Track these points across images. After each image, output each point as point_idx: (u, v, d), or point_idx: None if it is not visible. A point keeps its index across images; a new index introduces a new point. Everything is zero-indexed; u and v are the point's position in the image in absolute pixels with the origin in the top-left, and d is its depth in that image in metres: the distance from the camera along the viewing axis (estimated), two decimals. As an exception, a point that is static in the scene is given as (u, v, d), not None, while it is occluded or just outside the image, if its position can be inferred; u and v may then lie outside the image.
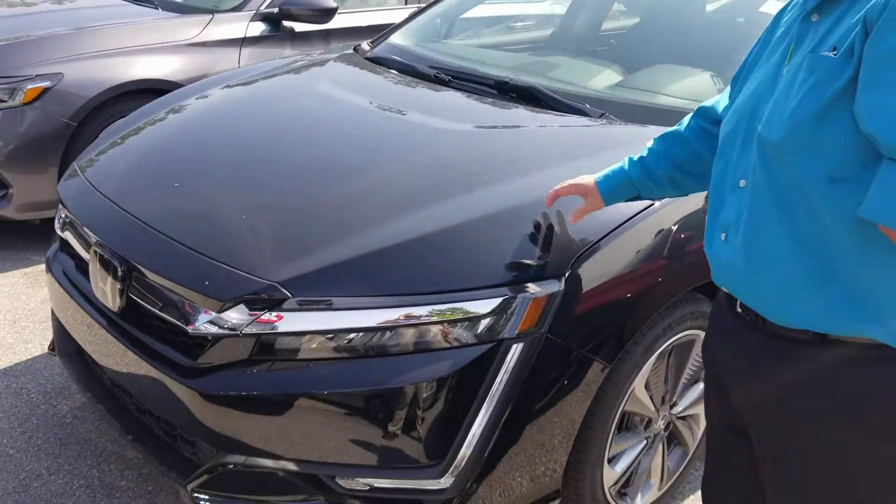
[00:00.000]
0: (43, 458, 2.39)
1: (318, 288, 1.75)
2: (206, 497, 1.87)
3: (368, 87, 2.76)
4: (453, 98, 2.59)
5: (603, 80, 2.64)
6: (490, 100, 2.53)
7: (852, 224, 1.12)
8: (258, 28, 4.31)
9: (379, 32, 3.41)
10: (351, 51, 3.20)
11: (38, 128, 3.65)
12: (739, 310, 1.35)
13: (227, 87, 2.85)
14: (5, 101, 3.61)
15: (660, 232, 1.93)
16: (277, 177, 2.14)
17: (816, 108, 1.10)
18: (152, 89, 3.77)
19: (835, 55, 1.10)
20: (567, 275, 1.76)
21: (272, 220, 1.96)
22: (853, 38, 1.07)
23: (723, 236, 1.30)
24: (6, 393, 2.70)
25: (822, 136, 1.11)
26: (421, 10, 3.47)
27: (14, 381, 2.76)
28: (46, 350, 2.91)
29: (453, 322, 1.71)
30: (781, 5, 1.39)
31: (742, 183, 1.25)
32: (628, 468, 2.12)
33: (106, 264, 1.97)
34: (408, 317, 1.71)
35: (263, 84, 2.86)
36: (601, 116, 2.32)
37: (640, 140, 2.17)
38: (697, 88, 2.51)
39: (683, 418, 2.25)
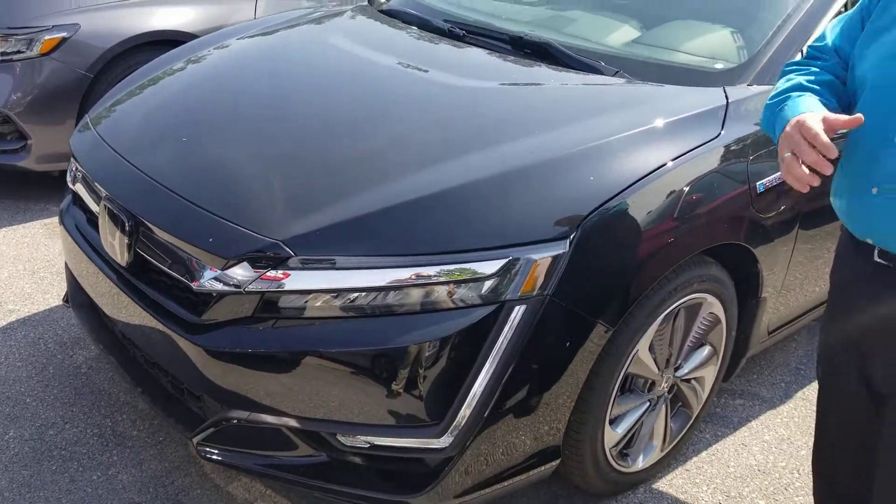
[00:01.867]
0: (58, 406, 2.45)
1: (323, 246, 1.75)
2: (211, 450, 1.91)
3: (381, 41, 2.72)
4: (466, 54, 2.55)
5: (619, 36, 2.58)
6: (501, 55, 2.49)
7: None
8: (275, -21, 4.27)
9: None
10: (366, 2, 3.16)
11: (56, 79, 3.67)
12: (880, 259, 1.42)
13: (242, 39, 2.83)
14: (23, 52, 3.62)
15: (671, 193, 1.90)
16: (287, 132, 2.13)
17: None
18: (168, 40, 3.76)
19: None
20: (573, 237, 1.74)
21: (279, 177, 1.95)
22: None
23: (874, 190, 1.35)
24: (24, 342, 2.75)
25: None
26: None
27: (32, 331, 2.82)
28: (62, 301, 2.95)
29: (459, 282, 1.71)
30: None
31: None
32: (630, 429, 2.13)
33: (115, 219, 1.98)
34: (415, 276, 1.70)
35: (277, 37, 2.84)
36: (615, 74, 2.27)
37: (656, 100, 2.14)
38: (716, 46, 2.44)
39: (688, 381, 2.25)
